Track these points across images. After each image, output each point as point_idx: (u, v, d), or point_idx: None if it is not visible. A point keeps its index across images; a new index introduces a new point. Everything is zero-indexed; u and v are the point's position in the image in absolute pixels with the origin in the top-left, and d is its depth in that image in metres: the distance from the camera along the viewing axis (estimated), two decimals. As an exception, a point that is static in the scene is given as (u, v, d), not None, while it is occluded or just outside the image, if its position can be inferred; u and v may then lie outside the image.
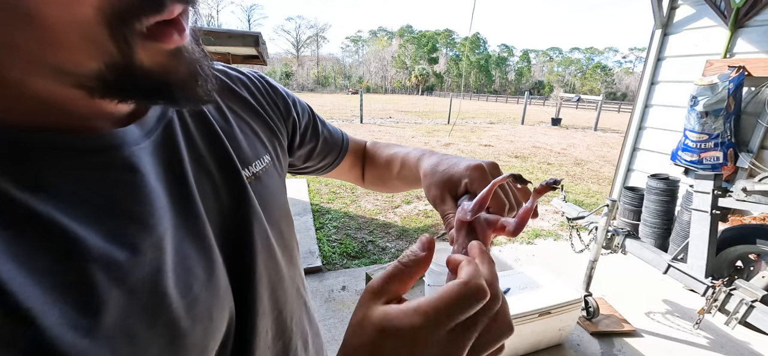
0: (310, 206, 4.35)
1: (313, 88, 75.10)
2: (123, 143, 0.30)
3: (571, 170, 7.40)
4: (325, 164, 0.68)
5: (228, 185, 0.39)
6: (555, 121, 16.42)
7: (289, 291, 0.47)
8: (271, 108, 0.52)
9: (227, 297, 0.36)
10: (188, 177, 0.35)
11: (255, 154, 0.45)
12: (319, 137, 0.63)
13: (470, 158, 0.47)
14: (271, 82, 0.54)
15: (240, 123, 0.45)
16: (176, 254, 0.31)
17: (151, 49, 0.25)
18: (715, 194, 2.00)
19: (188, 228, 0.33)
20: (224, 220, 0.38)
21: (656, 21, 3.50)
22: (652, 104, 3.68)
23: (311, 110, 0.62)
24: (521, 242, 3.73)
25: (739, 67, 2.73)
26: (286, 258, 0.48)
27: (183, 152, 0.36)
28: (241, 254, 0.39)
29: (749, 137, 2.85)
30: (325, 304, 2.51)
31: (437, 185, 0.46)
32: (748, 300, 1.81)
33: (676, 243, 2.97)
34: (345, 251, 3.29)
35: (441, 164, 0.48)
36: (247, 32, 2.71)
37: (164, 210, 0.31)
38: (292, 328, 0.48)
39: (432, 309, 0.24)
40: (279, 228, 0.46)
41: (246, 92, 0.49)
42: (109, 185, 0.28)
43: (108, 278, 0.26)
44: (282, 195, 0.50)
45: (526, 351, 2.08)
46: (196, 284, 0.32)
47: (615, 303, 2.58)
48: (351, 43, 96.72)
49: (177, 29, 0.25)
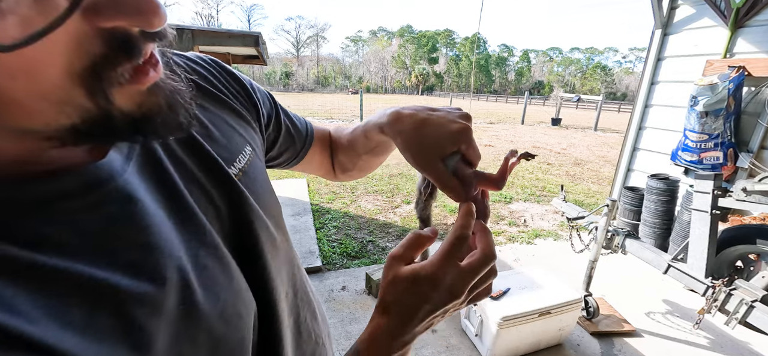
0: (310, 206, 4.35)
1: (313, 88, 75.10)
2: (111, 174, 0.29)
3: (571, 170, 7.39)
4: (289, 157, 0.63)
5: (219, 189, 0.38)
6: (555, 121, 16.42)
7: (290, 270, 0.49)
8: (233, 95, 0.49)
9: (248, 293, 0.37)
10: (182, 191, 0.34)
11: (236, 148, 0.43)
12: (282, 126, 0.59)
13: (443, 112, 0.45)
14: (226, 67, 0.50)
15: (213, 119, 0.43)
16: (196, 269, 0.32)
17: (129, 92, 0.24)
18: (715, 194, 2.00)
19: (199, 241, 0.33)
20: (224, 224, 0.38)
21: (656, 21, 3.50)
22: (652, 104, 3.68)
23: (272, 98, 0.58)
24: (521, 242, 3.73)
25: (739, 67, 2.73)
26: (283, 239, 0.48)
27: (169, 168, 0.34)
28: (249, 252, 0.39)
29: (749, 137, 2.85)
30: (325, 304, 2.51)
31: (428, 152, 0.44)
32: (748, 300, 1.81)
33: (676, 243, 2.97)
34: (345, 251, 3.29)
35: (424, 129, 0.44)
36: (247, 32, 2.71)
37: (171, 231, 0.31)
38: (298, 304, 0.49)
39: (441, 258, 0.38)
40: (273, 214, 0.46)
41: (207, 82, 0.46)
42: (110, 222, 0.27)
43: (145, 313, 0.26)
44: (267, 180, 0.49)
45: (526, 351, 2.08)
46: (222, 291, 0.33)
47: (615, 303, 2.58)
48: (351, 43, 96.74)
49: (151, 65, 0.25)
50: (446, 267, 0.37)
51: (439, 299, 0.37)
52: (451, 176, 0.43)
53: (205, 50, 3.68)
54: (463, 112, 0.46)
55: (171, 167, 0.35)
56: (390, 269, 0.39)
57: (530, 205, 4.99)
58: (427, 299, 0.37)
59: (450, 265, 0.37)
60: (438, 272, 0.37)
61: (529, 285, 2.12)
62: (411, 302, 0.37)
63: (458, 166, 0.43)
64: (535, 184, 6.06)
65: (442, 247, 0.39)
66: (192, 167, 0.37)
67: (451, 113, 0.45)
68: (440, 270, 0.37)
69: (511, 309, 1.91)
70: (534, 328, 1.99)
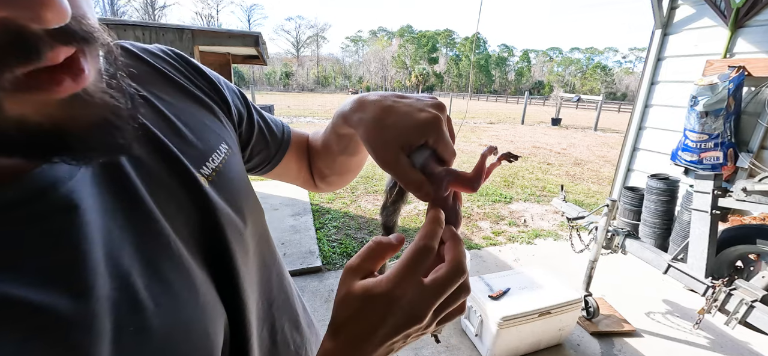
0: (310, 206, 4.35)
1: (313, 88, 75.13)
2: (54, 182, 0.25)
3: (571, 170, 7.40)
4: (261, 160, 0.57)
5: (186, 193, 0.35)
6: (555, 121, 16.43)
7: (265, 276, 0.45)
8: (202, 91, 0.44)
9: (217, 308, 0.34)
10: (143, 197, 0.31)
11: (209, 147, 0.39)
12: (255, 125, 0.53)
13: (412, 100, 0.39)
14: (192, 61, 0.46)
15: (181, 115, 0.39)
16: (154, 284, 0.29)
17: (35, 100, 0.21)
18: (715, 194, 2.00)
19: (161, 252, 0.30)
20: (193, 231, 0.34)
21: (656, 21, 3.50)
22: (652, 104, 3.68)
23: (243, 95, 0.53)
24: (521, 242, 3.73)
25: (739, 67, 2.73)
26: (262, 245, 0.45)
27: (130, 172, 0.31)
28: (220, 260, 0.36)
29: (749, 137, 2.85)
30: (325, 304, 2.51)
31: (387, 144, 0.37)
32: (748, 300, 1.81)
33: (676, 243, 2.97)
34: (345, 251, 3.29)
35: (387, 117, 0.38)
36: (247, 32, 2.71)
37: (124, 243, 0.28)
38: (273, 313, 0.46)
39: (399, 273, 0.31)
40: (250, 218, 0.42)
41: (175, 73, 0.42)
42: (45, 235, 0.24)
43: (76, 334, 0.23)
44: (246, 180, 0.46)
45: (526, 351, 2.08)
46: (185, 307, 0.30)
47: (615, 303, 2.58)
48: (351, 43, 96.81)
49: (70, 74, 0.21)
50: (405, 283, 0.31)
51: (395, 322, 0.30)
52: (415, 170, 0.37)
53: (205, 50, 3.68)
54: (435, 100, 0.40)
55: (133, 171, 0.31)
56: (343, 283, 0.33)
57: (530, 205, 4.99)
58: (381, 322, 0.30)
59: (410, 281, 0.31)
60: (395, 289, 0.31)
61: (529, 285, 2.12)
62: (362, 325, 0.31)
63: (427, 162, 0.37)
64: (535, 184, 6.06)
65: (401, 259, 0.32)
66: (158, 169, 0.34)
67: (421, 100, 0.39)
68: (398, 288, 0.31)
69: (511, 309, 1.91)
70: (534, 328, 1.99)
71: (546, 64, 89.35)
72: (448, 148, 0.38)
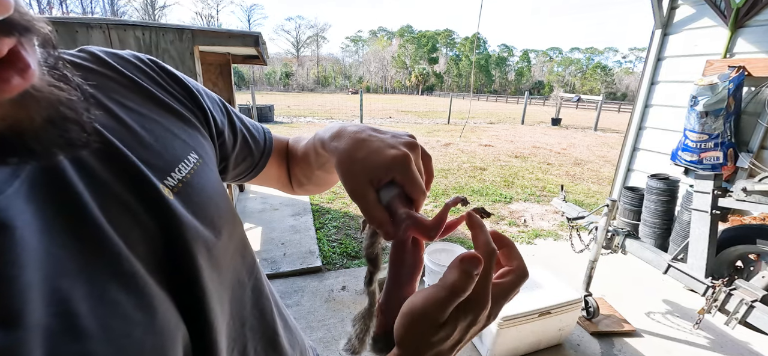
0: (310, 206, 4.35)
1: (313, 88, 75.12)
2: None
3: (571, 170, 7.39)
4: (246, 168, 0.57)
5: (145, 207, 0.32)
6: (555, 121, 16.43)
7: (237, 294, 0.43)
8: (175, 98, 0.43)
9: (179, 329, 0.32)
10: (91, 212, 0.28)
11: (175, 156, 0.38)
12: (238, 133, 0.53)
13: (387, 136, 0.40)
14: (167, 68, 0.44)
15: (146, 123, 0.37)
16: (99, 307, 0.26)
17: None
18: (715, 194, 2.00)
19: (110, 272, 0.28)
20: (153, 246, 0.32)
21: (656, 21, 3.50)
22: (652, 104, 3.68)
23: (224, 104, 0.52)
24: (521, 242, 3.73)
25: (739, 67, 2.73)
26: (236, 259, 0.43)
27: (75, 184, 0.29)
28: (185, 278, 0.34)
29: (749, 137, 2.85)
30: (325, 304, 2.51)
31: (356, 177, 0.38)
32: (748, 300, 1.81)
33: (676, 243, 2.97)
34: (345, 251, 3.29)
35: (358, 151, 0.39)
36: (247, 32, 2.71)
37: (63, 262, 0.26)
38: (245, 333, 0.44)
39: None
40: (224, 231, 0.41)
41: (146, 80, 0.40)
42: None
43: None
44: (220, 190, 0.43)
45: (526, 351, 2.08)
46: (136, 331, 0.28)
47: (615, 303, 2.58)
48: (351, 43, 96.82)
49: (16, 70, 0.20)
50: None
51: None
52: (380, 207, 0.37)
53: (205, 50, 3.69)
54: (409, 139, 0.40)
55: (79, 183, 0.29)
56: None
57: (530, 205, 4.99)
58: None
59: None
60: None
61: (529, 285, 2.12)
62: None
63: (392, 200, 0.37)
64: (535, 184, 6.06)
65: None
66: (110, 180, 0.31)
67: (396, 137, 0.40)
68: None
69: (511, 308, 1.91)
70: (534, 328, 1.99)
71: (546, 64, 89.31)
72: (416, 187, 0.37)
